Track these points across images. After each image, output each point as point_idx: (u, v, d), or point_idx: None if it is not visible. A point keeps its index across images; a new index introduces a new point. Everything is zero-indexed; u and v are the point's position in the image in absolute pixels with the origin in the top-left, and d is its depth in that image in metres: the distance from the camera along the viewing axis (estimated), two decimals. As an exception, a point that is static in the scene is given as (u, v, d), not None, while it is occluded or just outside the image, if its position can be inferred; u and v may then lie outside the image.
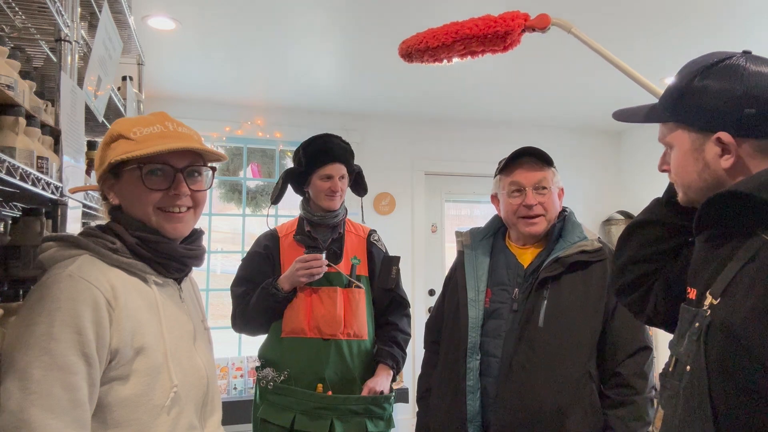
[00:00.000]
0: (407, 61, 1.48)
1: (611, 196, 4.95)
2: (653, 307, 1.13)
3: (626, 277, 1.16)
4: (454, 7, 2.59)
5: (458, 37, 1.37)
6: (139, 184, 1.06)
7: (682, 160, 0.98)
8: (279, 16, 2.68)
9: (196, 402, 1.09)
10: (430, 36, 1.40)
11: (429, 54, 1.42)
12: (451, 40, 1.37)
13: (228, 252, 4.62)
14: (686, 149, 0.97)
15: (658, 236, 1.12)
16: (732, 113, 0.90)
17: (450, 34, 1.37)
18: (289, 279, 1.90)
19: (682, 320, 0.97)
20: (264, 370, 1.95)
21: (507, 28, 1.34)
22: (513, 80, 3.61)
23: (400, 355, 2.00)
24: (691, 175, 0.98)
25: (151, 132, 1.07)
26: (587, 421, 1.48)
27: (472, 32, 1.36)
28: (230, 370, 3.87)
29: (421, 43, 1.41)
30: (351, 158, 2.05)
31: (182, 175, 1.09)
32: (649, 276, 1.14)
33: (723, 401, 0.83)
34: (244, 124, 4.15)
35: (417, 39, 1.43)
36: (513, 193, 1.65)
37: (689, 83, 0.95)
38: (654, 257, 1.13)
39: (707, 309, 0.88)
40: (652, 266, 1.13)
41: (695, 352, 0.88)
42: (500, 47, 1.38)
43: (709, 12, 2.64)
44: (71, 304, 0.92)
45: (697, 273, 0.98)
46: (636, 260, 1.14)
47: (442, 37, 1.38)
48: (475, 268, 1.69)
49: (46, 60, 1.79)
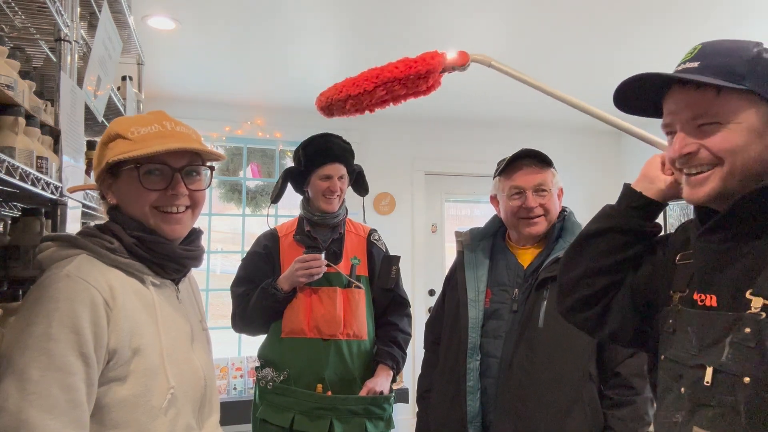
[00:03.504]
0: (327, 116, 1.44)
1: (611, 196, 4.86)
2: (619, 323, 1.05)
3: (581, 293, 1.07)
4: (454, 6, 2.59)
5: (379, 82, 1.35)
6: (136, 184, 1.05)
7: (744, 136, 0.84)
8: (279, 16, 2.68)
9: (194, 403, 1.09)
10: (349, 84, 1.38)
11: (351, 103, 1.39)
12: (372, 86, 1.36)
13: (228, 252, 4.61)
14: (752, 123, 0.84)
15: (619, 244, 1.04)
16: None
17: (370, 79, 1.36)
18: (288, 279, 1.90)
19: (704, 328, 0.87)
20: (263, 370, 1.94)
21: (428, 67, 1.34)
22: (513, 80, 3.61)
23: (400, 355, 2.00)
24: (748, 155, 0.84)
25: (149, 132, 1.06)
26: (587, 422, 1.48)
27: (393, 75, 1.35)
28: (230, 370, 3.87)
29: (341, 93, 1.39)
30: (351, 158, 2.04)
31: (180, 175, 1.08)
32: (609, 288, 1.05)
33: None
34: (244, 124, 4.15)
35: (335, 89, 1.40)
36: (513, 195, 1.65)
37: (760, 52, 0.84)
38: (614, 267, 1.04)
39: (761, 311, 0.79)
40: (613, 277, 1.05)
41: (757, 359, 0.78)
42: (423, 87, 1.38)
43: (709, 11, 2.64)
44: (69, 304, 0.91)
45: (711, 278, 0.89)
46: (593, 272, 1.05)
47: (362, 84, 1.36)
48: (475, 268, 1.69)
49: (45, 60, 1.79)
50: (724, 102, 0.85)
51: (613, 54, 3.10)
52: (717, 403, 0.82)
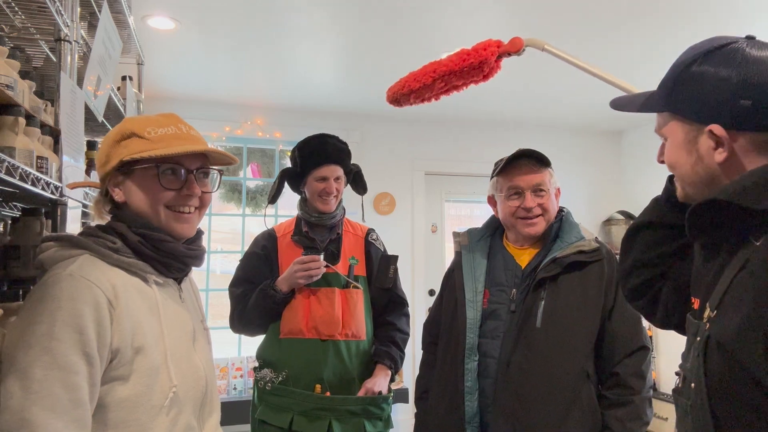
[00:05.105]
0: (396, 106, 1.56)
1: (611, 196, 4.95)
2: (664, 312, 1.08)
3: (633, 281, 1.10)
4: (454, 7, 2.59)
5: (437, 76, 1.43)
6: (154, 183, 1.07)
7: (676, 152, 0.92)
8: (279, 16, 2.68)
9: (195, 402, 1.09)
10: (411, 79, 1.48)
11: (414, 96, 1.49)
12: (430, 80, 1.44)
13: (228, 252, 4.62)
14: (679, 141, 0.91)
15: (660, 238, 1.06)
16: (726, 104, 0.83)
17: (428, 74, 1.45)
18: (287, 281, 1.90)
19: (688, 332, 0.92)
20: (262, 371, 1.94)
21: (480, 58, 1.39)
22: (513, 80, 3.61)
23: (399, 354, 2.00)
24: (684, 168, 0.92)
25: (166, 132, 1.09)
26: (585, 422, 1.48)
27: (449, 68, 1.42)
28: (230, 370, 3.87)
29: (404, 88, 1.49)
30: (347, 158, 2.04)
31: (193, 176, 1.11)
32: (655, 280, 1.08)
33: (726, 419, 0.78)
34: (244, 124, 4.16)
35: (400, 84, 1.51)
36: (511, 195, 1.65)
37: (685, 70, 0.89)
38: (658, 261, 1.07)
39: (706, 322, 0.84)
40: (657, 270, 1.07)
41: (697, 368, 0.83)
42: (479, 77, 1.44)
43: (708, 10, 2.64)
44: (72, 303, 0.92)
45: (698, 282, 0.93)
46: (640, 264, 1.09)
47: (422, 78, 1.45)
48: (472, 268, 1.69)
49: (45, 60, 1.80)
50: (663, 122, 0.95)
51: (614, 53, 3.10)
52: (680, 406, 0.89)
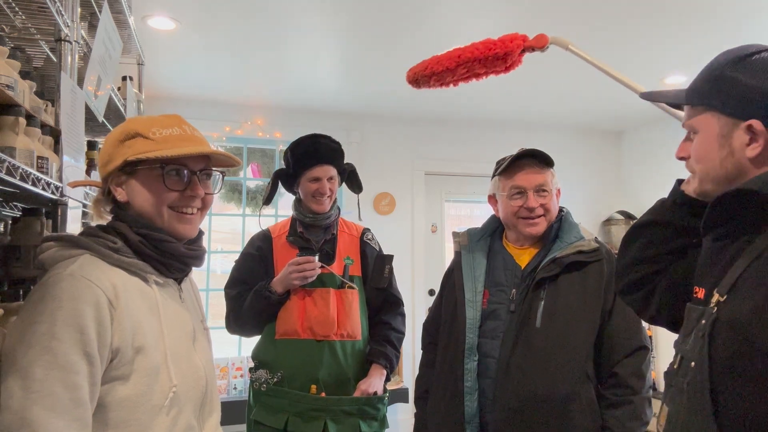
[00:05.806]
0: (415, 87, 1.56)
1: (611, 196, 4.95)
2: (657, 307, 1.13)
3: (629, 277, 1.16)
4: (455, 6, 2.59)
5: (461, 61, 1.44)
6: (158, 183, 1.07)
7: (707, 145, 0.96)
8: (279, 16, 2.68)
9: (195, 402, 1.09)
10: (434, 62, 1.48)
11: (435, 79, 1.50)
12: (454, 65, 1.45)
13: (228, 252, 4.62)
14: (713, 134, 0.95)
15: (663, 237, 1.12)
16: (765, 103, 0.89)
17: (453, 59, 1.45)
18: (282, 282, 1.89)
19: (688, 319, 0.97)
20: (257, 371, 1.94)
21: (506, 49, 1.41)
22: (513, 80, 3.61)
23: (394, 354, 1.99)
24: (712, 162, 0.95)
25: (170, 133, 1.09)
26: (585, 422, 1.49)
27: (473, 56, 1.43)
28: (230, 370, 3.87)
29: (426, 69, 1.49)
30: (340, 158, 2.02)
31: (197, 177, 1.11)
32: (653, 276, 1.13)
33: (726, 394, 0.83)
34: (244, 124, 4.16)
35: (422, 66, 1.51)
36: (514, 195, 1.65)
37: (723, 71, 0.94)
38: (658, 258, 1.12)
39: (714, 306, 0.88)
40: (656, 267, 1.13)
41: (700, 347, 0.88)
42: (501, 68, 1.45)
43: (709, 10, 2.64)
44: (73, 303, 0.92)
45: (705, 273, 0.97)
46: (640, 261, 1.14)
47: (445, 62, 1.46)
48: (472, 268, 1.69)
49: (46, 60, 1.80)
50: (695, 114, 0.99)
51: (616, 53, 3.11)
52: (675, 384, 0.95)
